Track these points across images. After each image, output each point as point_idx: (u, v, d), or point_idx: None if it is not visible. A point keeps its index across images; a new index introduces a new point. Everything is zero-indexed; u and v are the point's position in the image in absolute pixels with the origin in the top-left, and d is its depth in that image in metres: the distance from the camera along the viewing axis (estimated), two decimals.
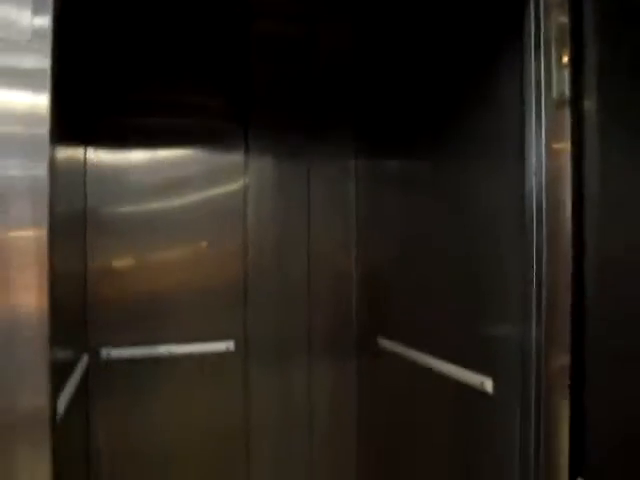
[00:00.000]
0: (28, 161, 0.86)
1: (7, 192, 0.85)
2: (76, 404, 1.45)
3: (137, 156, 1.90)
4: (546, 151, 1.17)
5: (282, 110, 2.08)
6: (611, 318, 1.01)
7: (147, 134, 1.90)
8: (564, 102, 1.15)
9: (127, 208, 1.89)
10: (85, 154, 1.83)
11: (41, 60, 0.87)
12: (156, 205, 1.93)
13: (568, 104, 1.14)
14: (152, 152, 1.92)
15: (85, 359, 1.75)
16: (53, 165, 0.89)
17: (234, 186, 2.01)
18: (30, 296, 0.86)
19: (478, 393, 1.32)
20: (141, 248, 1.90)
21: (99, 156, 1.86)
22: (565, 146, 1.14)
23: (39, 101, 0.86)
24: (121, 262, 1.88)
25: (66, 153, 1.40)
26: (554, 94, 1.16)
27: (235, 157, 2.01)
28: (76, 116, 1.64)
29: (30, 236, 0.86)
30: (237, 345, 1.97)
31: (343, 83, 2.12)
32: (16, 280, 0.85)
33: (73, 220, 1.63)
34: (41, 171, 0.86)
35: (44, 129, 0.87)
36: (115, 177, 1.87)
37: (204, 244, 1.96)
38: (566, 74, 1.14)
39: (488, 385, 1.30)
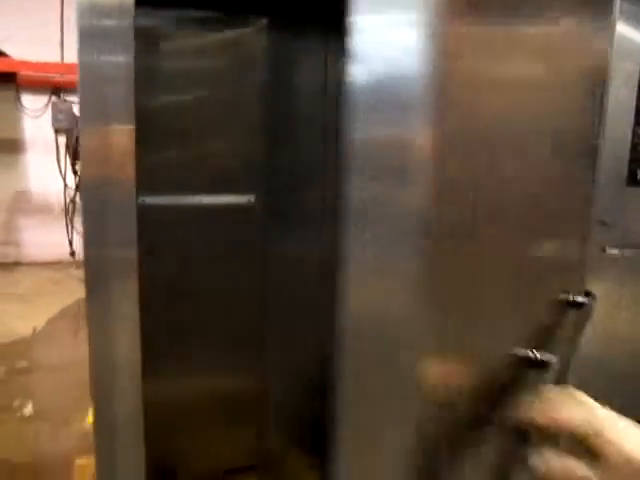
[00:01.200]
0: (116, 53, 1.00)
1: (101, 82, 1.01)
2: None
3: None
4: None
5: None
6: None
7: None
8: None
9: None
10: None
11: None
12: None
13: None
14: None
15: None
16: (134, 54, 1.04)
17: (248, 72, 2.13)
18: (119, 166, 1.07)
19: None
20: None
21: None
22: None
23: None
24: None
25: None
26: None
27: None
28: None
29: (123, 126, 1.03)
30: (257, 198, 2.23)
31: None
32: (111, 158, 1.05)
33: None
34: (128, 63, 1.01)
35: (128, 19, 1.00)
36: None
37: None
38: None
39: None
